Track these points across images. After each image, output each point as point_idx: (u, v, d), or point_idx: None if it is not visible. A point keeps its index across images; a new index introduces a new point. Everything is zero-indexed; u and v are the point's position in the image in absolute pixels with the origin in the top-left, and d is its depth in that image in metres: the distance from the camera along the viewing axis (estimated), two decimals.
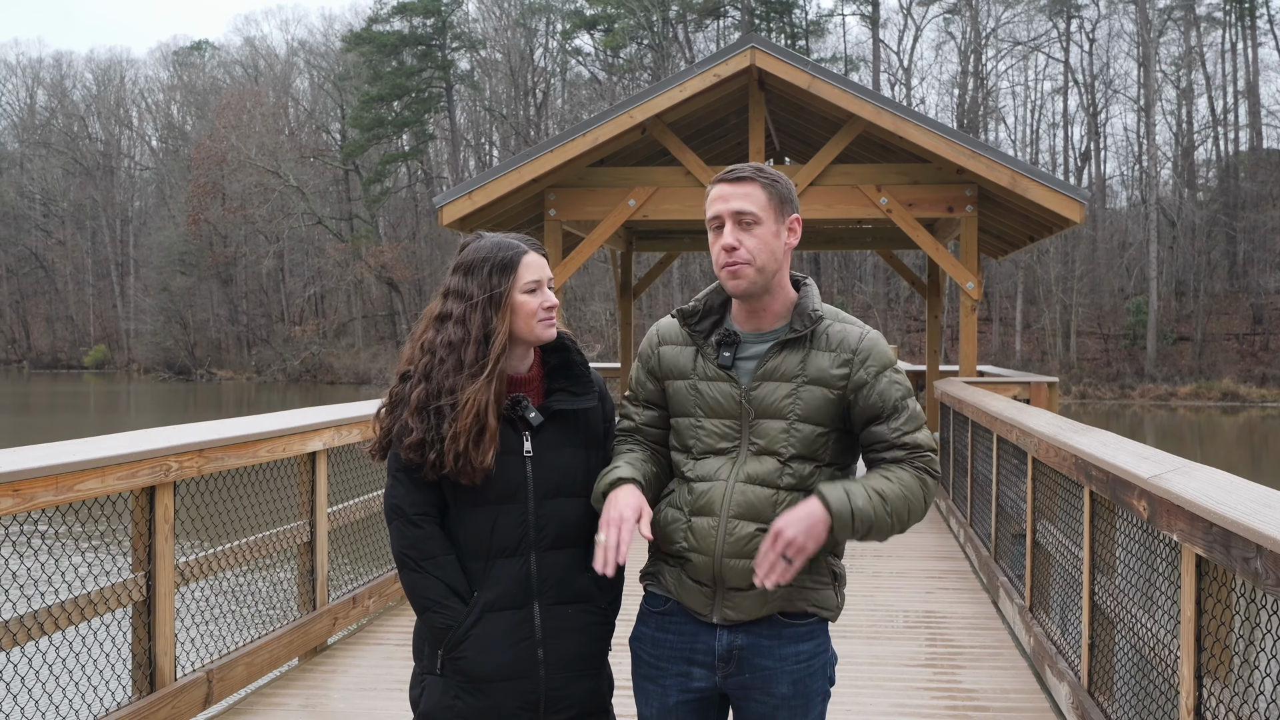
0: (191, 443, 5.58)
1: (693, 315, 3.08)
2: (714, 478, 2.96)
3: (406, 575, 3.07)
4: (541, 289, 3.07)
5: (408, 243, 71.29)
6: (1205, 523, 3.63)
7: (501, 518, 3.03)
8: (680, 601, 3.03)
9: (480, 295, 3.02)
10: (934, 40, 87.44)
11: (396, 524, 3.08)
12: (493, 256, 3.05)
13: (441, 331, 3.05)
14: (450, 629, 3.01)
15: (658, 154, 14.64)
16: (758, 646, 2.98)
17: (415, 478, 3.05)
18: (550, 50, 75.98)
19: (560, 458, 3.08)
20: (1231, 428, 43.50)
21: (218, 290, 76.25)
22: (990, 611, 8.17)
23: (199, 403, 55.42)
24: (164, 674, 5.40)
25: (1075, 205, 12.19)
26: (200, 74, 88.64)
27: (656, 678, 3.07)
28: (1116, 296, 59.84)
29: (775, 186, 3.00)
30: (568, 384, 3.14)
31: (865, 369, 2.94)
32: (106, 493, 4.96)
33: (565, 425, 3.11)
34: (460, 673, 3.02)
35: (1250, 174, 61.02)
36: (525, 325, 3.05)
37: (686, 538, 2.98)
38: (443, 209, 12.93)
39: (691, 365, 3.04)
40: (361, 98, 70.53)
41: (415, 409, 3.02)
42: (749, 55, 12.34)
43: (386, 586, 8.05)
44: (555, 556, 3.07)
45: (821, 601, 3.02)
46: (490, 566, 3.04)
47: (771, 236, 2.96)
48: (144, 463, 5.19)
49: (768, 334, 3.02)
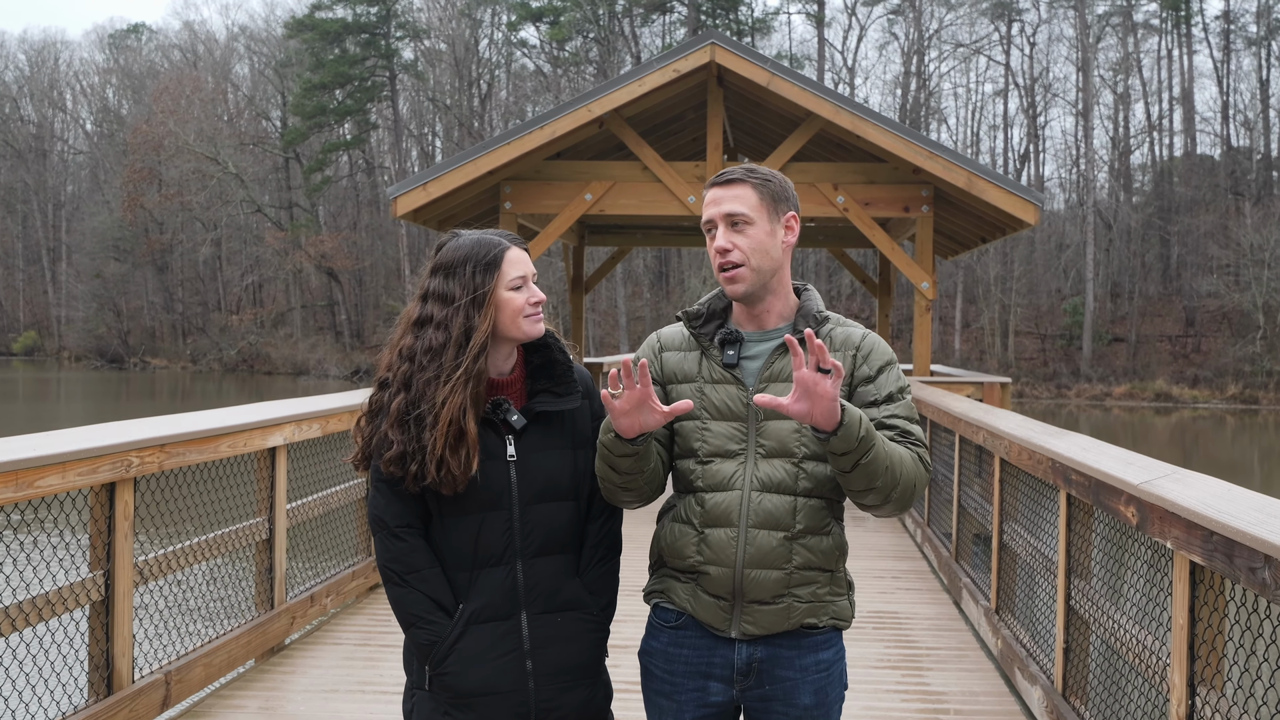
0: (153, 437, 5.42)
1: (697, 318, 3.04)
2: (727, 486, 2.88)
3: (391, 590, 2.98)
4: (527, 284, 2.97)
5: (348, 232, 70.67)
6: (1204, 531, 3.59)
7: (486, 525, 2.94)
8: (695, 617, 2.94)
9: (464, 297, 2.91)
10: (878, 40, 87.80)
11: (380, 536, 2.98)
12: (474, 255, 2.94)
13: (421, 337, 2.94)
14: (435, 644, 2.92)
15: (614, 148, 14.53)
16: (778, 658, 2.91)
17: (398, 489, 2.95)
18: (495, 41, 75.63)
19: (545, 460, 2.99)
20: (1164, 428, 44.13)
21: (153, 277, 75.16)
22: (953, 613, 8.15)
23: (132, 392, 54.66)
24: (121, 676, 5.24)
25: (1030, 207, 12.25)
26: (137, 57, 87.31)
27: (671, 693, 2.98)
28: (1054, 297, 60.53)
29: (768, 186, 2.96)
30: (551, 384, 3.04)
31: (868, 363, 2.93)
32: (67, 489, 4.79)
33: (550, 427, 3.01)
34: (446, 689, 2.93)
35: (1184, 179, 61.96)
36: (512, 323, 2.95)
37: (700, 550, 2.90)
38: (396, 200, 12.74)
39: (697, 369, 2.99)
40: (303, 85, 69.74)
41: (395, 420, 2.91)
42: (709, 51, 12.27)
43: (344, 584, 7.90)
44: (543, 563, 2.97)
45: (839, 613, 2.98)
46: (475, 576, 2.95)
47: (765, 236, 2.92)
48: (105, 458, 5.03)
49: (771, 333, 2.97)
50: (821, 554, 2.90)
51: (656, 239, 19.34)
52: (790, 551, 2.86)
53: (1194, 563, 3.76)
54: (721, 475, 2.88)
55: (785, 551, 2.86)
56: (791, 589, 2.88)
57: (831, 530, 2.94)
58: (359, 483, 8.40)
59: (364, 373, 63.00)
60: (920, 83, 67.81)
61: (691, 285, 61.82)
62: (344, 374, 63.00)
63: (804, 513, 2.87)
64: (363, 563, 8.32)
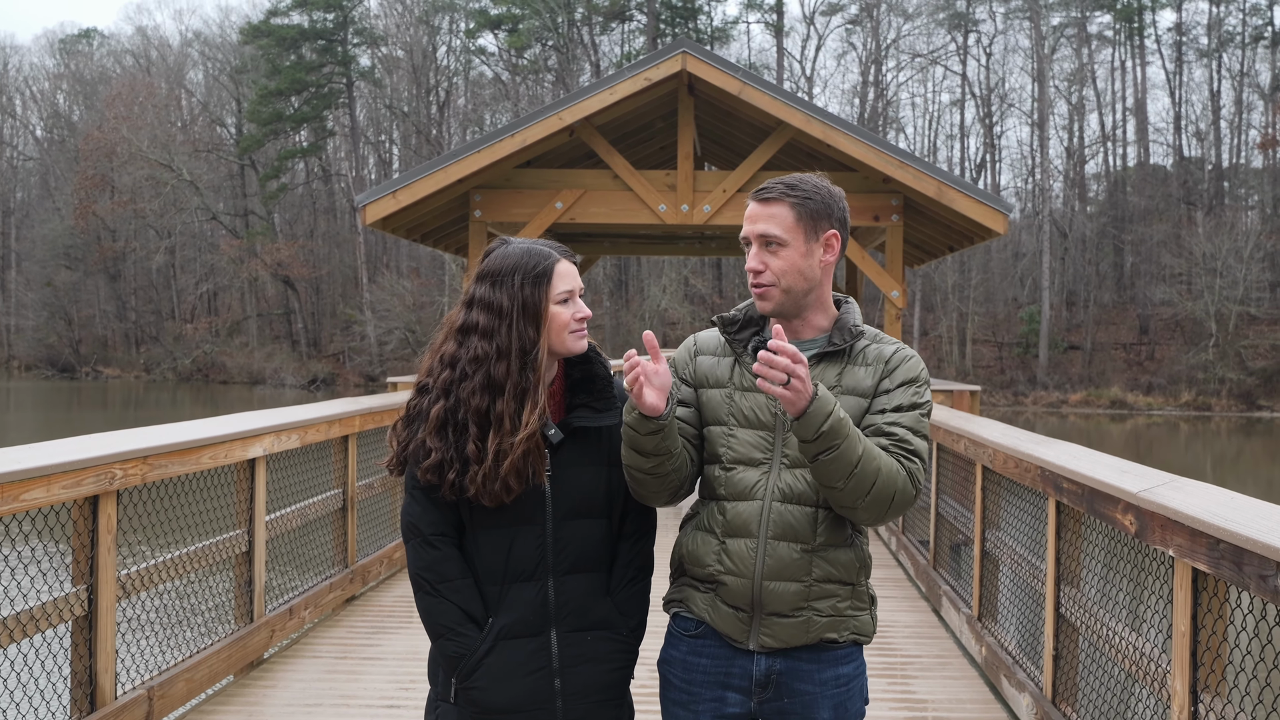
0: (136, 449, 5.34)
1: (733, 324, 3.02)
2: (749, 496, 2.85)
3: (422, 599, 2.93)
4: (574, 299, 2.93)
5: (305, 240, 70.16)
6: (1209, 539, 3.59)
7: (518, 540, 2.89)
8: (714, 627, 2.92)
9: (512, 307, 2.86)
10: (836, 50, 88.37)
11: (414, 544, 2.93)
12: (523, 265, 2.89)
13: (466, 345, 2.89)
14: (463, 657, 2.87)
15: (584, 157, 14.47)
16: (797, 670, 2.88)
17: (433, 496, 2.90)
18: (454, 49, 75.39)
19: (581, 477, 2.94)
20: (1120, 434, 44.54)
21: (105, 286, 74.31)
22: (933, 620, 8.16)
23: (84, 402, 54.05)
24: (104, 692, 5.14)
25: (999, 216, 12.30)
26: (88, 63, 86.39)
27: (688, 703, 2.95)
28: (1010, 306, 61.01)
29: (807, 204, 2.91)
30: (590, 399, 2.99)
31: (890, 378, 2.91)
32: (51, 502, 4.71)
33: (587, 443, 2.96)
34: (473, 703, 2.89)
35: (1138, 189, 62.64)
36: (557, 338, 2.91)
37: (720, 560, 2.87)
38: (365, 208, 12.63)
39: (729, 375, 2.97)
40: (259, 91, 69.24)
41: (434, 428, 2.87)
42: (680, 60, 12.24)
43: (322, 597, 7.81)
44: (574, 581, 2.92)
45: (861, 627, 2.95)
46: (506, 591, 2.90)
47: (799, 257, 2.90)
48: (89, 470, 4.94)
49: (806, 343, 2.95)
50: (842, 567, 2.87)
51: (625, 247, 19.30)
52: (810, 564, 2.83)
53: (1197, 570, 3.76)
54: (745, 484, 2.86)
55: (805, 564, 2.83)
56: (811, 602, 2.85)
57: (853, 543, 2.91)
58: (335, 493, 8.32)
59: (321, 382, 62.60)
60: (878, 92, 68.19)
61: (652, 294, 61.88)
62: (301, 383, 62.54)
63: (825, 525, 2.84)
64: (339, 575, 8.23)
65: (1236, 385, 51.71)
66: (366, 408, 8.78)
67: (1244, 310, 53.27)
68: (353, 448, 8.52)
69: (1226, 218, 58.04)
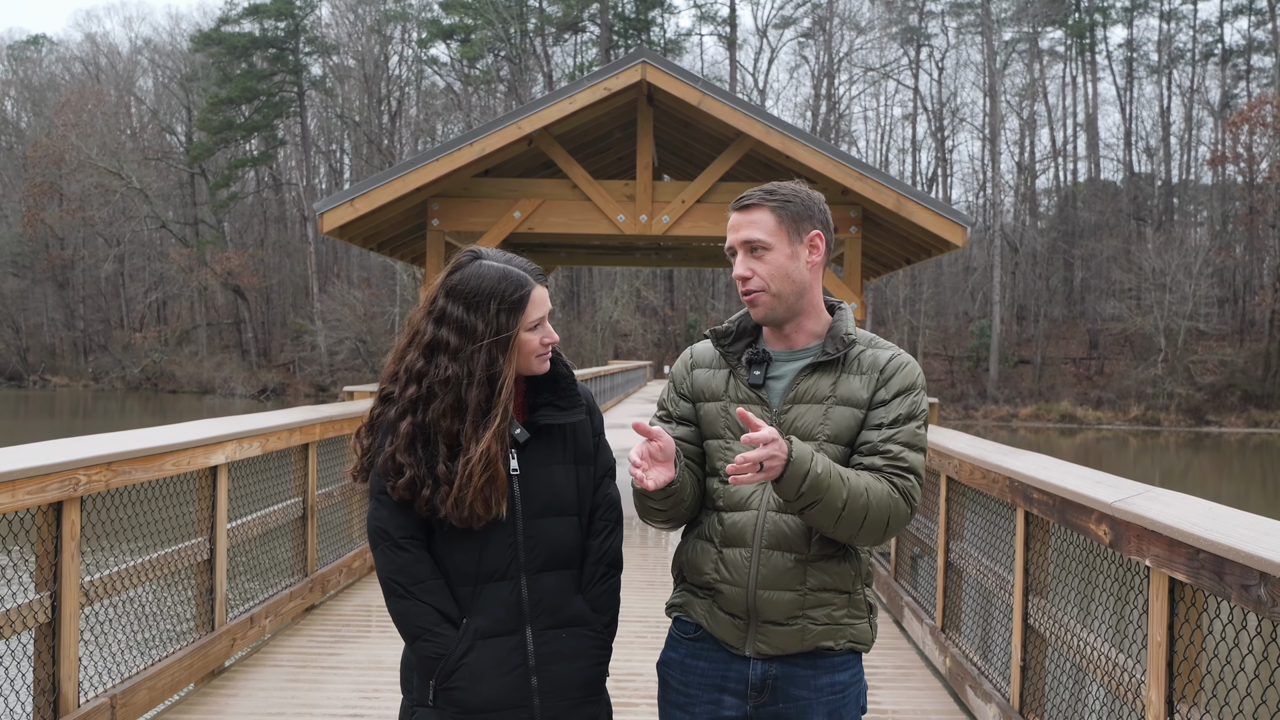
0: (100, 455, 5.27)
1: (726, 336, 3.02)
2: (744, 506, 2.87)
3: (395, 602, 2.91)
4: (543, 325, 2.93)
5: (255, 249, 69.71)
6: (1189, 549, 3.60)
7: (490, 542, 2.89)
8: (711, 633, 2.94)
9: (485, 333, 2.86)
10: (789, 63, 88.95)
11: (383, 548, 2.91)
12: (499, 292, 2.88)
13: (434, 363, 2.87)
14: (442, 658, 2.86)
15: (543, 166, 14.46)
16: (793, 676, 2.89)
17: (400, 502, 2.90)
18: (405, 59, 75.22)
19: (549, 475, 2.95)
20: (1069, 448, 44.93)
21: (53, 294, 73.48)
22: (894, 631, 8.19)
23: (31, 410, 53.37)
24: (67, 700, 5.08)
25: (958, 229, 12.38)
26: (37, 69, 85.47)
27: (685, 705, 2.97)
28: (961, 319, 61.52)
29: (787, 207, 2.92)
30: (554, 398, 3.00)
31: (886, 387, 2.89)
32: (15, 508, 4.64)
33: (552, 441, 2.97)
34: (454, 704, 2.87)
35: (1088, 204, 63.36)
36: (524, 361, 2.92)
37: (717, 569, 2.89)
38: (323, 215, 12.56)
39: (724, 388, 2.97)
40: (210, 99, 68.77)
41: (405, 445, 2.86)
42: (640, 70, 12.26)
43: (282, 605, 7.74)
44: (547, 579, 2.93)
45: (858, 636, 2.94)
46: (479, 591, 2.89)
47: (785, 260, 2.90)
48: (54, 476, 4.88)
49: (799, 352, 2.95)
50: (837, 575, 2.86)
51: (582, 258, 19.30)
52: (804, 573, 2.84)
53: (1174, 580, 3.77)
54: (740, 495, 2.87)
55: (799, 573, 2.83)
56: (806, 610, 2.85)
57: (849, 552, 2.90)
58: (295, 502, 8.26)
59: (271, 391, 62.14)
60: (830, 105, 68.61)
61: (604, 305, 61.89)
62: (251, 393, 62.06)
63: (819, 535, 2.83)
64: (300, 583, 8.17)
65: (1185, 400, 52.37)
66: (327, 416, 8.73)
67: (1193, 326, 53.99)
68: (313, 456, 8.47)
69: (1176, 233, 58.86)
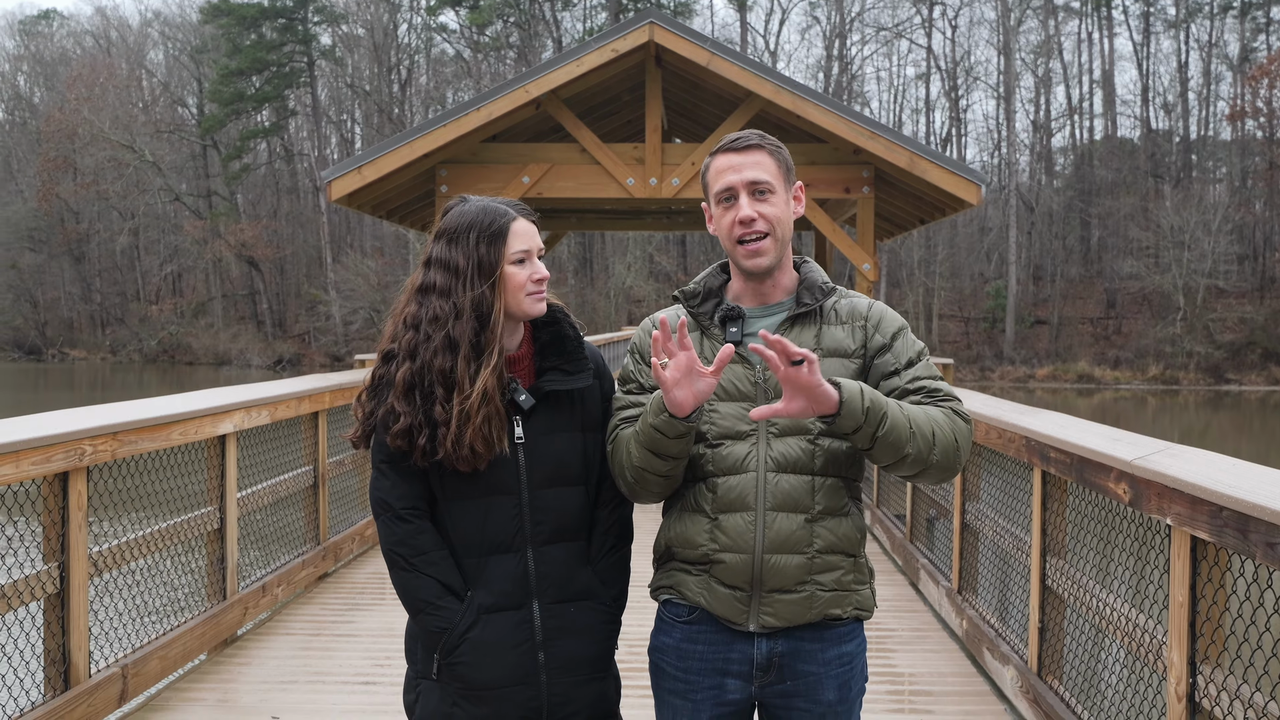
0: (105, 425, 5.26)
1: (694, 296, 2.90)
2: (740, 469, 2.74)
3: (398, 575, 2.84)
4: (531, 259, 2.84)
5: (268, 220, 69.64)
6: (1211, 506, 3.50)
7: (493, 510, 2.81)
8: (710, 611, 2.80)
9: (467, 266, 2.79)
10: (800, 24, 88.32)
11: (385, 519, 2.85)
12: (479, 223, 2.81)
13: (425, 305, 2.82)
14: (446, 631, 2.79)
15: (551, 130, 14.36)
16: (800, 651, 2.78)
17: (402, 469, 2.82)
18: (415, 26, 74.84)
19: (554, 443, 2.86)
20: (1086, 409, 44.70)
21: (70, 268, 73.58)
22: (910, 594, 8.16)
23: (51, 384, 53.57)
24: (78, 670, 5.08)
25: (972, 187, 12.27)
26: (48, 44, 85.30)
27: (685, 692, 2.83)
28: (976, 280, 61.18)
29: (780, 153, 2.87)
30: (561, 362, 2.90)
31: (880, 332, 2.83)
32: (20, 479, 4.63)
33: (559, 407, 2.88)
34: (458, 679, 2.81)
35: (1104, 162, 62.82)
36: (513, 300, 2.82)
37: (714, 537, 2.75)
38: (331, 184, 12.51)
39: (699, 350, 2.83)
40: (220, 71, 68.56)
41: (402, 391, 2.78)
42: (648, 30, 12.14)
43: (295, 574, 7.74)
44: (554, 551, 2.85)
45: (862, 602, 2.85)
46: (484, 563, 2.82)
47: (785, 206, 2.83)
48: (58, 446, 4.87)
49: (773, 307, 2.86)
50: (843, 537, 2.78)
51: (591, 223, 19.22)
52: (812, 535, 2.73)
53: (1196, 539, 3.67)
54: (734, 458, 2.74)
55: (806, 535, 2.73)
56: (814, 575, 2.74)
57: (850, 511, 2.82)
58: (306, 470, 8.25)
59: (287, 362, 62.26)
60: (842, 66, 68.13)
61: (616, 271, 61.75)
62: (266, 363, 62.18)
63: (823, 492, 2.74)
64: (312, 552, 8.16)
65: (1204, 359, 52.06)
66: (336, 384, 8.71)
67: (1212, 283, 53.63)
68: (323, 424, 8.45)
69: (1194, 190, 58.33)
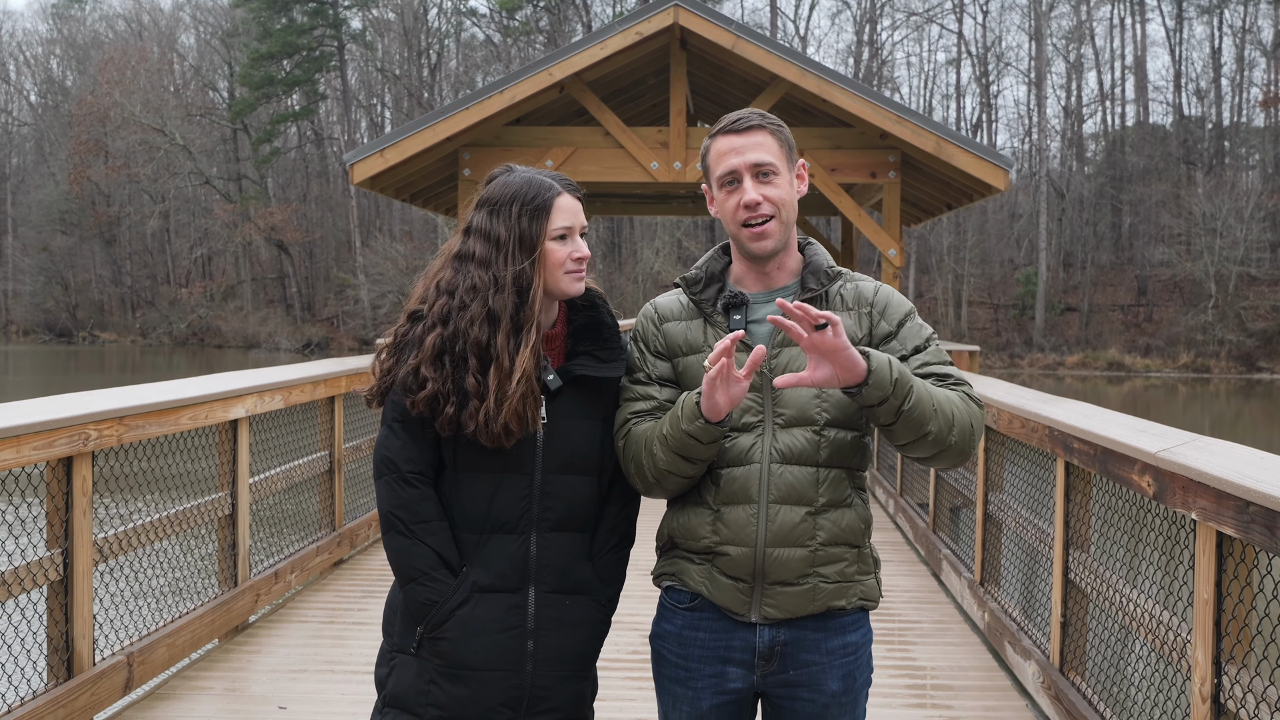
0: (111, 409, 5.18)
1: (696, 283, 2.82)
2: (745, 460, 2.67)
3: (393, 539, 2.74)
4: (572, 236, 2.76)
5: (298, 204, 69.78)
6: (1238, 501, 3.38)
7: (503, 489, 2.73)
8: (711, 599, 2.73)
9: (508, 239, 2.70)
10: (830, 9, 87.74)
11: (387, 479, 2.75)
12: (522, 195, 2.73)
13: (463, 272, 2.73)
14: (435, 604, 2.70)
15: (575, 114, 14.24)
16: (803, 640, 2.71)
17: (415, 431, 2.72)
18: (445, 11, 74.70)
19: (575, 429, 2.78)
20: (1116, 397, 44.35)
21: (100, 250, 73.96)
22: (933, 585, 8.03)
23: (81, 365, 53.88)
24: (82, 658, 5.01)
25: (1000, 172, 12.10)
26: (81, 28, 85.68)
27: (686, 680, 2.77)
28: (1006, 267, 60.72)
29: (782, 132, 2.78)
30: (594, 347, 2.82)
31: (886, 318, 2.75)
32: (22, 463, 4.55)
33: (585, 393, 2.79)
34: (440, 655, 2.72)
35: (1136, 148, 62.20)
36: (551, 277, 2.74)
37: (716, 530, 2.69)
38: (354, 166, 12.44)
39: (703, 338, 2.77)
40: (251, 55, 68.66)
41: (431, 357, 2.69)
42: (672, 13, 12.01)
43: (308, 560, 7.67)
44: (558, 539, 2.77)
45: (867, 592, 2.79)
46: (485, 541, 2.73)
47: (788, 186, 2.74)
48: (61, 431, 4.79)
49: (777, 291, 2.77)
50: (846, 528, 2.71)
51: (616, 207, 19.10)
52: (815, 527, 2.67)
53: (1222, 534, 3.55)
54: (738, 449, 2.68)
55: (809, 527, 2.67)
56: (817, 568, 2.68)
57: (853, 503, 2.75)
58: (322, 455, 8.17)
59: (315, 346, 62.42)
60: (873, 51, 67.70)
61: (645, 257, 61.59)
62: (295, 347, 62.35)
63: (827, 484, 2.68)
64: (326, 538, 8.09)
65: (1236, 347, 51.53)
66: (353, 368, 8.62)
67: (1244, 271, 53.04)
68: (339, 409, 8.38)
69: (1227, 177, 57.72)
